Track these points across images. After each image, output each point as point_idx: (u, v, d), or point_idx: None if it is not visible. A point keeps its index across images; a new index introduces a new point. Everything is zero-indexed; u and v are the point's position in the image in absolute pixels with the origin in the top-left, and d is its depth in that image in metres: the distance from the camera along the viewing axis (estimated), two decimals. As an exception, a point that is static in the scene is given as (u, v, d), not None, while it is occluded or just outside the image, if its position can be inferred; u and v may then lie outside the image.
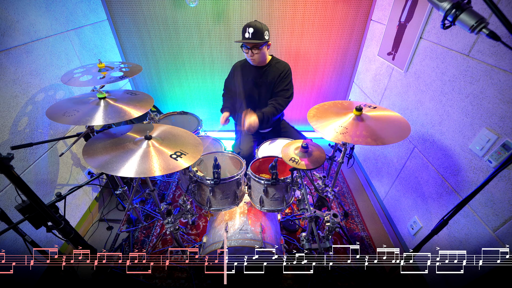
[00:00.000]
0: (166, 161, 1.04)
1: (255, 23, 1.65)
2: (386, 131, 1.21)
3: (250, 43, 1.67)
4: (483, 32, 0.60)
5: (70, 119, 1.19)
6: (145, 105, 1.34)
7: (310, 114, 1.37)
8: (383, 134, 1.18)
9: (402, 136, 1.18)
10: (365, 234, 1.98)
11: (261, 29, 1.65)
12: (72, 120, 1.19)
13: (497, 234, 1.13)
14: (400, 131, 1.20)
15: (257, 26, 1.64)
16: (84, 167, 1.98)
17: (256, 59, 1.75)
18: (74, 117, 1.20)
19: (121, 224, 1.96)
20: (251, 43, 1.67)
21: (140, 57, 2.52)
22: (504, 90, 1.09)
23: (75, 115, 1.21)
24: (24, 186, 0.75)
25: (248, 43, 1.68)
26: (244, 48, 1.72)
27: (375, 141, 1.13)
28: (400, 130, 1.21)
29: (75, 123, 1.21)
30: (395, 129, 1.22)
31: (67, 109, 1.24)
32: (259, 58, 1.75)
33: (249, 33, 1.63)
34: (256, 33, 1.63)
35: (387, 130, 1.22)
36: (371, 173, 2.34)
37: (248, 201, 1.53)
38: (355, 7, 2.24)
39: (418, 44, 1.63)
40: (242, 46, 1.72)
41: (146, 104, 1.36)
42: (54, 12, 1.69)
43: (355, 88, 2.65)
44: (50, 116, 1.21)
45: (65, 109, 1.25)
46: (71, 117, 1.20)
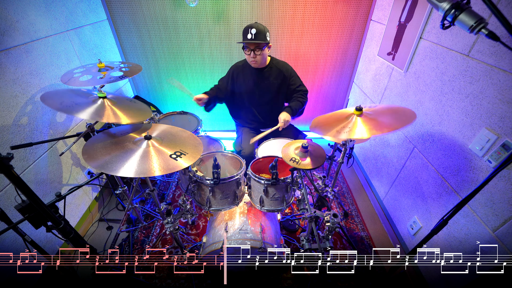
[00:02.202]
0: (166, 161, 1.04)
1: (257, 24, 1.65)
2: (391, 118, 1.23)
3: (253, 44, 1.67)
4: (482, 32, 0.60)
5: (61, 106, 1.15)
6: (140, 116, 1.30)
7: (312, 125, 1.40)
8: (387, 121, 1.20)
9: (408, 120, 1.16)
10: (365, 234, 1.98)
11: (263, 30, 1.66)
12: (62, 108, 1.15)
13: (497, 234, 1.13)
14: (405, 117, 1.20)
15: (259, 27, 1.64)
16: (84, 167, 1.98)
17: (258, 61, 1.75)
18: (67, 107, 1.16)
19: (121, 224, 1.96)
20: (254, 44, 1.67)
21: (140, 57, 2.52)
22: (504, 90, 1.09)
23: (67, 106, 1.17)
24: (24, 186, 0.75)
25: (251, 44, 1.67)
26: (246, 49, 1.72)
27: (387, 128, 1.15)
28: (405, 116, 1.20)
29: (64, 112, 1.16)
30: (400, 116, 1.23)
31: (65, 99, 1.20)
32: (261, 59, 1.75)
33: (252, 34, 1.63)
34: (259, 34, 1.63)
35: (392, 117, 1.24)
36: (371, 173, 2.34)
37: (248, 201, 1.53)
38: (355, 7, 2.24)
39: (418, 44, 1.63)
40: (244, 48, 1.72)
41: (143, 114, 1.32)
42: (54, 12, 1.69)
43: (355, 88, 2.65)
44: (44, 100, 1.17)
45: (63, 97, 1.21)
46: (63, 105, 1.16)
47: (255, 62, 1.76)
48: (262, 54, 1.71)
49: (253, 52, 1.70)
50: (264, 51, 1.72)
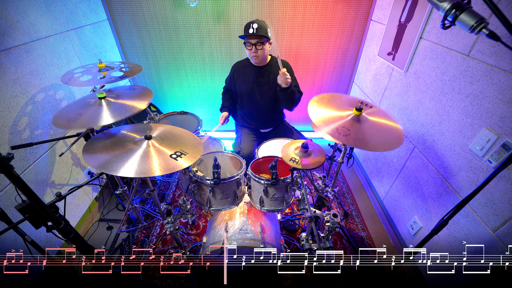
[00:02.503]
0: (166, 161, 1.04)
1: (258, 20, 1.66)
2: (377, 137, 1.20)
3: (255, 39, 1.68)
4: (483, 32, 0.60)
5: (77, 123, 1.17)
6: (145, 98, 1.34)
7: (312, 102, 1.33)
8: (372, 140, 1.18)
9: (391, 146, 1.17)
10: (365, 234, 1.98)
11: (265, 26, 1.67)
12: (80, 124, 1.17)
13: (497, 234, 1.13)
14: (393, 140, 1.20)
15: (260, 23, 1.66)
16: (84, 167, 1.98)
17: (259, 56, 1.75)
18: (79, 121, 1.18)
19: (121, 224, 1.96)
20: (255, 39, 1.68)
21: (140, 57, 2.52)
22: (504, 90, 1.09)
23: (79, 119, 1.18)
24: (24, 186, 0.75)
25: (252, 39, 1.68)
26: (247, 45, 1.72)
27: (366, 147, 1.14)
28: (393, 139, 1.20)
29: (84, 127, 1.19)
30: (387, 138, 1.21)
31: (70, 116, 1.21)
32: (262, 54, 1.76)
33: (254, 28, 1.64)
34: (260, 28, 1.65)
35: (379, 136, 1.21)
36: (371, 173, 2.34)
37: (248, 201, 1.53)
38: (355, 7, 2.24)
39: (418, 44, 1.63)
40: (245, 43, 1.73)
41: (145, 97, 1.36)
42: (54, 12, 1.69)
43: (355, 88, 2.65)
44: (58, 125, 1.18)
45: (69, 115, 1.22)
46: (77, 122, 1.17)
47: (257, 57, 1.76)
48: (263, 49, 1.72)
49: (255, 46, 1.70)
50: (265, 46, 1.73)
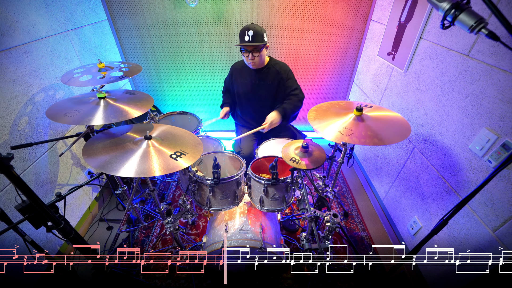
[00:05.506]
0: (166, 161, 1.04)
1: (253, 25, 1.63)
2: (387, 131, 1.21)
3: (251, 46, 1.65)
4: (482, 32, 0.60)
5: (71, 119, 1.19)
6: (145, 105, 1.35)
7: (310, 116, 1.36)
8: (383, 134, 1.19)
9: (403, 135, 1.17)
10: (365, 234, 1.98)
11: (261, 31, 1.64)
12: (73, 120, 1.20)
13: (497, 234, 1.13)
14: (401, 131, 1.20)
15: (256, 29, 1.62)
16: (84, 167, 1.98)
17: (256, 62, 1.74)
18: (75, 117, 1.21)
19: (121, 224, 1.96)
20: (251, 46, 1.65)
21: (140, 57, 2.52)
22: (504, 90, 1.09)
23: (76, 115, 1.21)
24: (24, 186, 0.75)
25: (248, 46, 1.66)
26: (244, 52, 1.70)
27: (381, 141, 1.14)
28: (401, 130, 1.21)
29: (75, 123, 1.22)
30: (395, 129, 1.22)
31: (68, 110, 1.25)
32: (259, 60, 1.74)
33: (249, 36, 1.61)
34: (256, 35, 1.62)
35: (387, 130, 1.22)
36: (371, 173, 2.34)
37: (248, 201, 1.53)
38: (355, 7, 2.24)
39: (418, 44, 1.63)
40: (242, 50, 1.71)
41: (146, 103, 1.36)
42: (54, 12, 1.69)
43: (355, 88, 2.65)
44: (50, 116, 1.21)
45: (66, 109, 1.25)
46: (72, 117, 1.20)
47: (254, 63, 1.75)
48: (260, 55, 1.70)
49: (251, 54, 1.68)
50: (262, 52, 1.71)
